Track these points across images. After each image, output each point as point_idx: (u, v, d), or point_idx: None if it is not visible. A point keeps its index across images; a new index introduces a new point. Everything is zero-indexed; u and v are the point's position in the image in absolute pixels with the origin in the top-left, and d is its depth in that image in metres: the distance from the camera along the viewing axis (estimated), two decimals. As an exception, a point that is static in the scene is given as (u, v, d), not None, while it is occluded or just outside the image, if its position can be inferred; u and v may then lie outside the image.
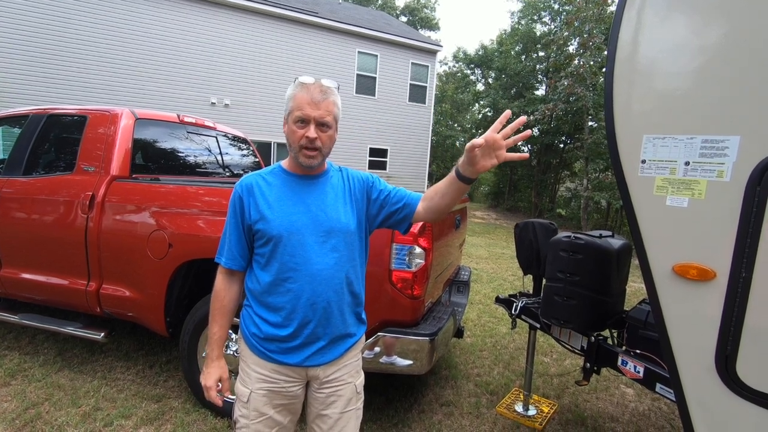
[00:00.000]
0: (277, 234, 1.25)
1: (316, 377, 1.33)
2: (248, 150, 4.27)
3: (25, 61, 9.94)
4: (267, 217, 1.26)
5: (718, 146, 1.23)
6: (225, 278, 1.36)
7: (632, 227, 1.41)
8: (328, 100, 1.25)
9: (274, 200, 1.29)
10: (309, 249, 1.26)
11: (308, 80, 1.25)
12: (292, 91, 1.26)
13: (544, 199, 20.38)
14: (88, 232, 2.64)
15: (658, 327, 1.39)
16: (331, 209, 1.31)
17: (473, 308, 4.95)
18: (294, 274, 1.26)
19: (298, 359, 1.29)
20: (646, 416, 2.86)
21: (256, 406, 1.30)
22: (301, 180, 1.33)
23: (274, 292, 1.28)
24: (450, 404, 2.80)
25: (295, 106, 1.24)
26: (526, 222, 2.70)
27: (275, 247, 1.26)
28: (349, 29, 13.92)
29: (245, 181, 1.33)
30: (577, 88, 12.92)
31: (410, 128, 15.67)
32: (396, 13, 30.32)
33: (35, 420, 2.35)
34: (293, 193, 1.31)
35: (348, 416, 1.37)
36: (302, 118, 1.23)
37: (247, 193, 1.30)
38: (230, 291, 1.36)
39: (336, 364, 1.35)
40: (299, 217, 1.27)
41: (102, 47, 10.72)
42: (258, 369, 1.31)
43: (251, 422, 1.30)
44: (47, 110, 3.11)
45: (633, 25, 1.37)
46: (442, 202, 1.30)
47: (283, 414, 1.34)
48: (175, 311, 2.62)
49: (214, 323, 1.35)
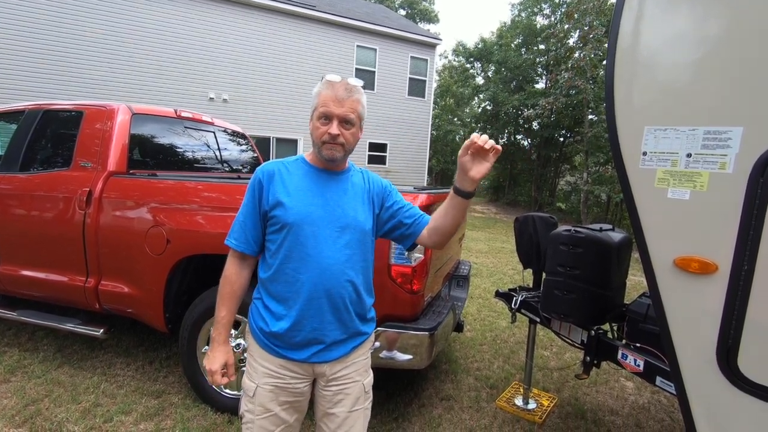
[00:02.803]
0: (292, 221, 1.24)
1: (322, 374, 1.33)
2: (246, 145, 4.25)
3: (21, 56, 9.87)
4: (284, 203, 1.26)
5: (721, 137, 1.21)
6: (236, 262, 1.34)
7: (633, 220, 1.39)
8: (353, 98, 1.25)
9: (293, 188, 1.28)
10: (322, 241, 1.26)
11: (334, 78, 1.26)
12: (318, 88, 1.27)
13: (544, 193, 20.36)
14: (86, 228, 2.63)
15: (659, 320, 1.38)
16: (348, 206, 1.31)
17: (473, 302, 4.95)
18: (302, 264, 1.25)
19: (304, 355, 1.28)
20: (646, 409, 2.86)
21: (261, 401, 1.29)
22: (323, 174, 1.33)
23: (281, 280, 1.27)
24: (450, 398, 2.81)
25: (320, 103, 1.25)
26: (526, 216, 2.68)
27: (288, 235, 1.25)
28: (347, 23, 13.83)
29: (267, 167, 1.32)
30: (578, 81, 12.86)
31: (409, 122, 15.62)
32: (395, 6, 30.10)
33: (35, 416, 2.35)
34: (313, 185, 1.31)
35: (356, 416, 1.36)
36: (326, 114, 1.24)
37: (267, 179, 1.30)
38: (241, 276, 1.35)
39: (343, 361, 1.34)
40: (316, 208, 1.27)
41: (99, 42, 10.64)
42: (265, 364, 1.30)
43: (256, 417, 1.30)
44: (43, 106, 3.08)
45: (634, 15, 1.35)
46: (444, 222, 1.31)
47: (289, 412, 1.33)
48: (174, 307, 2.61)
49: (222, 307, 1.33)
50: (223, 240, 1.36)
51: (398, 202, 1.43)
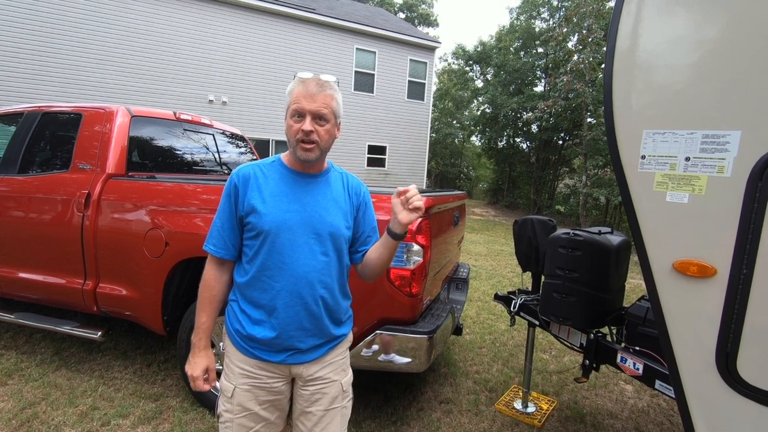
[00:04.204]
0: (268, 229, 1.23)
1: (299, 375, 1.33)
2: (245, 147, 4.25)
3: (19, 58, 9.87)
4: (260, 210, 1.24)
5: (719, 141, 1.22)
6: (215, 267, 1.33)
7: (632, 223, 1.39)
8: (325, 93, 1.23)
9: (268, 194, 1.27)
10: (298, 249, 1.25)
11: (306, 75, 1.24)
12: (291, 86, 1.25)
13: (543, 196, 20.37)
14: (84, 230, 2.63)
15: (658, 324, 1.38)
16: (326, 212, 1.30)
17: (472, 305, 4.94)
18: (279, 272, 1.24)
19: (280, 358, 1.28)
20: (645, 412, 2.86)
21: (240, 401, 1.29)
22: (300, 177, 1.31)
23: (257, 287, 1.27)
24: (449, 402, 2.80)
25: (292, 101, 1.23)
26: (525, 219, 2.68)
27: (264, 242, 1.24)
28: (346, 26, 13.85)
29: (242, 170, 1.30)
30: (576, 84, 12.90)
31: (409, 125, 15.63)
32: (394, 9, 30.17)
33: (32, 420, 2.33)
34: (290, 190, 1.29)
35: (332, 414, 1.35)
36: (298, 111, 1.22)
37: (243, 183, 1.28)
38: (220, 281, 1.34)
39: (319, 362, 1.34)
40: (293, 215, 1.26)
41: (98, 44, 10.65)
42: (241, 365, 1.30)
43: (235, 417, 1.29)
44: (42, 108, 3.08)
45: (632, 18, 1.35)
46: (373, 256, 1.36)
47: (270, 410, 1.33)
48: (173, 310, 2.60)
49: (202, 312, 1.32)
50: None
51: (368, 218, 1.43)
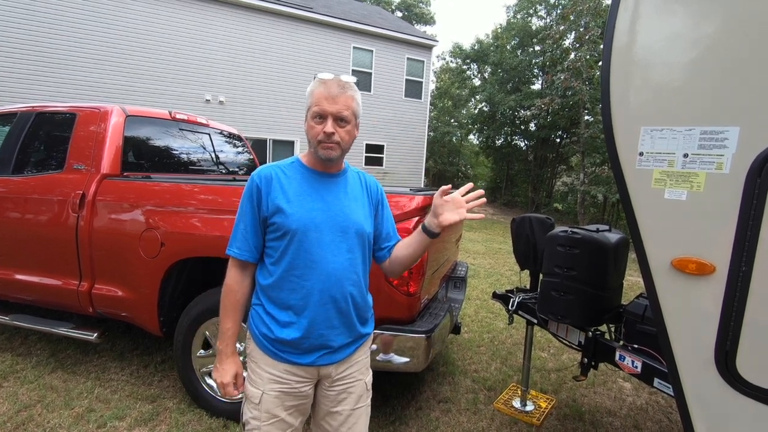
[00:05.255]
0: (296, 228, 1.23)
1: (328, 375, 1.33)
2: (242, 147, 4.23)
3: (14, 58, 9.81)
4: (285, 210, 1.24)
5: (717, 137, 1.21)
6: (238, 271, 1.32)
7: (630, 221, 1.39)
8: (346, 95, 1.23)
9: (292, 194, 1.26)
10: (326, 247, 1.25)
11: (326, 76, 1.24)
12: (311, 87, 1.25)
13: (541, 194, 20.39)
14: (79, 231, 2.60)
15: (657, 322, 1.37)
16: (349, 209, 1.31)
17: (470, 304, 4.94)
18: (308, 271, 1.24)
19: (310, 359, 1.28)
20: (644, 410, 2.86)
21: (267, 407, 1.28)
22: (321, 177, 1.31)
23: (285, 288, 1.26)
24: (447, 401, 2.79)
25: (313, 102, 1.23)
26: (523, 217, 2.68)
27: (291, 242, 1.23)
28: (344, 24, 13.83)
29: (263, 171, 1.29)
30: (574, 82, 12.91)
31: (406, 124, 15.62)
32: (391, 8, 30.12)
33: (27, 422, 2.32)
34: (312, 189, 1.29)
35: (359, 413, 1.37)
36: (320, 113, 1.22)
37: (266, 184, 1.27)
38: (243, 285, 1.32)
39: (347, 361, 1.35)
40: (318, 213, 1.25)
41: (94, 43, 10.60)
42: (270, 369, 1.28)
43: (263, 424, 1.28)
44: (36, 108, 3.05)
45: (630, 14, 1.34)
46: (405, 254, 1.37)
47: (295, 416, 1.32)
48: (169, 310, 2.58)
49: (227, 319, 1.31)
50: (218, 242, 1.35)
51: (386, 215, 1.44)
